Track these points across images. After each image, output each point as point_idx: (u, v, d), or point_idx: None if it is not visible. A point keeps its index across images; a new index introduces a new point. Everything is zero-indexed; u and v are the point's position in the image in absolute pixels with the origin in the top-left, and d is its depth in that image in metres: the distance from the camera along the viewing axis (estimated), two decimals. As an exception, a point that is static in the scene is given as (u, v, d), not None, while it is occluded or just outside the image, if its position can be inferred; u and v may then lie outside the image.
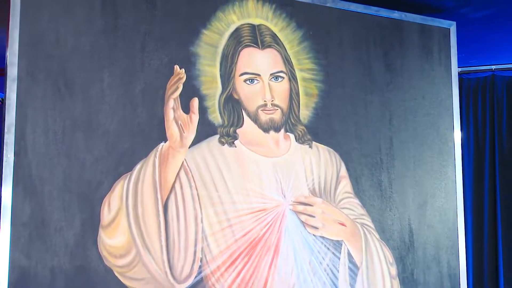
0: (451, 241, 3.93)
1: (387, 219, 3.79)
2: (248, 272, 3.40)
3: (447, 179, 3.95)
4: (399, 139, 3.86)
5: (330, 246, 3.61)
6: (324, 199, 3.64)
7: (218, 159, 3.40)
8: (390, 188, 3.81)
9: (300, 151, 3.61)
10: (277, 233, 3.50)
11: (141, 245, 3.17)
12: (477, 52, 4.46)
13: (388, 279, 3.75)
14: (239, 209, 3.41)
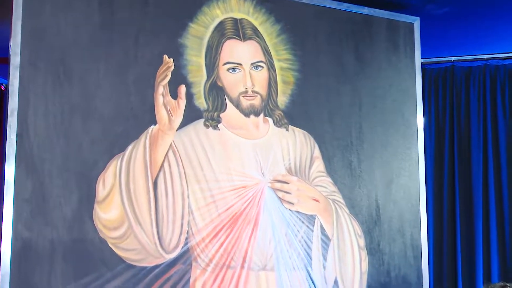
0: (413, 215, 3.97)
1: (356, 196, 3.83)
2: (230, 243, 3.44)
3: (411, 160, 3.98)
4: (368, 123, 3.89)
5: (304, 220, 3.65)
6: (299, 177, 3.67)
7: (203, 141, 3.43)
8: (359, 168, 3.84)
9: (278, 134, 3.64)
10: (256, 208, 3.53)
11: (133, 218, 3.20)
12: (439, 45, 4.47)
13: (356, 249, 3.79)
14: (222, 186, 3.45)
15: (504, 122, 4.37)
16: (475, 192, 4.28)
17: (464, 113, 4.42)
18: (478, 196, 4.28)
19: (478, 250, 4.24)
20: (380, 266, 3.84)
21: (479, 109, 4.41)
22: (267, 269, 3.52)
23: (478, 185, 4.29)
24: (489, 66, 4.46)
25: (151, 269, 3.21)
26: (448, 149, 4.37)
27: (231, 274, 3.43)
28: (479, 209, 4.26)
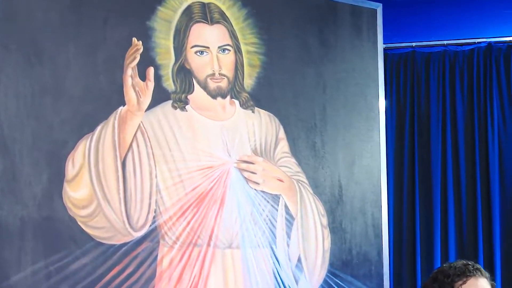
0: (375, 195, 4.00)
1: (320, 176, 3.85)
2: (197, 222, 3.45)
3: (373, 141, 4.01)
4: (332, 106, 3.90)
5: (269, 199, 3.67)
6: (264, 158, 3.69)
7: (171, 122, 3.43)
8: (323, 149, 3.86)
9: (244, 116, 3.66)
10: (222, 188, 3.55)
11: (102, 197, 3.20)
12: (400, 30, 4.51)
13: (319, 228, 3.82)
14: (189, 166, 3.45)
15: (462, 105, 4.43)
16: (434, 173, 4.34)
17: (424, 96, 4.48)
18: (437, 176, 4.34)
19: (436, 228, 4.31)
20: (342, 244, 3.87)
21: (439, 93, 4.46)
22: (233, 247, 3.54)
23: (437, 166, 4.36)
24: (449, 51, 4.51)
25: (119, 247, 3.22)
26: (409, 132, 4.42)
27: (198, 251, 3.44)
28: (438, 189, 4.32)
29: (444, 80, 4.47)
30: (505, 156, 4.37)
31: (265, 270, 3.63)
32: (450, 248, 4.33)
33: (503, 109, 4.40)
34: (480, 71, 4.45)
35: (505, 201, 4.35)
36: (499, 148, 4.37)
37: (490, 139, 4.36)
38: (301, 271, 3.73)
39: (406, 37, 4.56)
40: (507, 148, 4.38)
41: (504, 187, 4.35)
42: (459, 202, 4.35)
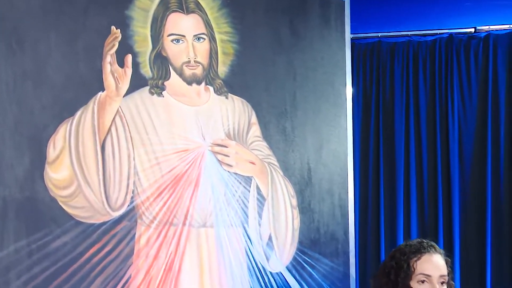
0: (342, 178, 4.04)
1: (290, 159, 3.89)
2: (173, 202, 3.48)
3: (340, 127, 4.05)
4: (301, 93, 3.94)
5: (241, 181, 3.70)
6: (237, 141, 3.72)
7: (148, 107, 3.44)
8: (293, 134, 3.90)
9: (218, 101, 3.67)
10: (197, 170, 3.56)
11: (82, 178, 3.20)
12: (367, 21, 4.53)
13: (289, 208, 3.86)
14: (166, 149, 3.47)
15: (424, 93, 4.47)
16: (398, 157, 4.38)
17: (389, 84, 4.51)
18: (400, 160, 4.38)
19: (399, 209, 4.35)
20: (311, 224, 3.91)
21: (403, 81, 4.50)
22: (207, 226, 3.57)
23: (400, 151, 4.40)
24: (412, 42, 4.54)
25: (98, 226, 3.22)
26: (374, 118, 4.46)
27: (174, 230, 3.47)
28: (401, 172, 4.36)
29: (408, 69, 4.51)
30: (464, 142, 4.43)
31: (237, 248, 3.67)
32: (412, 228, 4.38)
33: (463, 97, 4.46)
34: (442, 61, 4.49)
35: (464, 184, 4.40)
36: (459, 134, 4.42)
37: (450, 125, 4.42)
38: (272, 249, 3.76)
39: (372, 28, 4.58)
40: (467, 134, 4.43)
41: (463, 171, 4.40)
42: (421, 184, 4.40)
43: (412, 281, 2.31)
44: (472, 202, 4.38)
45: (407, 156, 4.41)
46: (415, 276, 2.31)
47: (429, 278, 2.29)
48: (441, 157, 4.40)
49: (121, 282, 3.27)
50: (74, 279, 3.14)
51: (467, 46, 4.45)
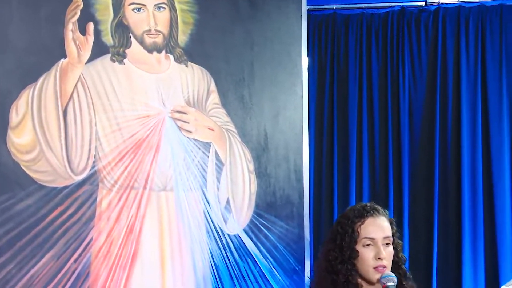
0: (297, 144, 4.04)
1: (247, 126, 3.89)
2: (134, 166, 3.49)
3: (296, 95, 4.05)
4: (259, 62, 3.92)
5: (201, 147, 3.71)
6: (196, 108, 3.72)
7: (110, 74, 3.43)
8: (250, 101, 3.90)
9: (178, 69, 3.67)
10: (158, 135, 3.57)
11: (44, 143, 3.20)
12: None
13: (247, 173, 3.88)
14: (127, 115, 3.47)
15: (377, 63, 4.50)
16: (351, 124, 4.42)
17: (343, 55, 4.52)
18: (353, 127, 4.42)
19: (352, 174, 4.39)
20: (267, 188, 3.93)
21: (356, 52, 4.52)
22: (167, 190, 3.59)
23: (353, 118, 4.43)
24: (366, 14, 4.55)
25: (61, 189, 3.23)
26: (329, 87, 4.47)
27: (135, 194, 3.48)
28: (354, 138, 4.40)
29: (362, 40, 4.53)
30: (414, 110, 4.48)
31: (196, 211, 3.69)
32: (364, 191, 4.43)
33: (413, 67, 4.50)
34: (393, 32, 4.52)
35: (413, 150, 4.46)
36: (409, 102, 4.47)
37: (401, 94, 4.46)
38: (230, 212, 3.79)
39: (327, 0, 4.58)
40: (416, 103, 4.48)
41: (413, 138, 4.46)
42: (372, 150, 4.45)
43: (357, 245, 2.30)
44: (421, 166, 4.44)
45: (360, 123, 4.45)
46: (360, 240, 2.30)
47: (373, 241, 2.30)
48: (392, 125, 4.45)
49: (83, 244, 3.28)
50: (37, 241, 3.16)
51: (418, 19, 4.50)
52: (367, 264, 2.27)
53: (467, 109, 4.40)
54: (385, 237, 2.31)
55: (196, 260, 3.66)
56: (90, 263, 3.31)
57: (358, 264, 2.28)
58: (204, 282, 3.67)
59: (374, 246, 2.29)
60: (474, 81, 4.43)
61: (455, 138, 4.43)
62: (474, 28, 4.46)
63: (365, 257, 2.27)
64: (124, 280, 3.42)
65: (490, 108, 4.41)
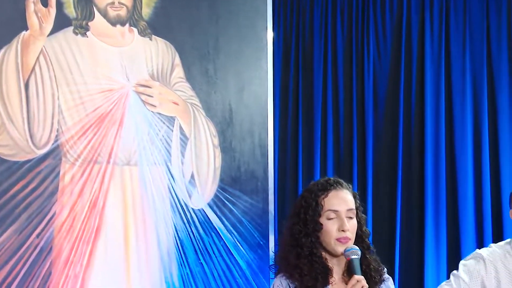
0: (262, 118, 4.06)
1: (212, 100, 3.89)
2: (97, 140, 3.47)
3: (261, 69, 4.05)
4: (224, 36, 3.91)
5: (165, 121, 3.71)
6: (161, 82, 3.71)
7: (72, 47, 3.39)
8: (215, 76, 3.89)
9: (142, 43, 3.64)
10: (122, 109, 3.56)
11: (5, 117, 3.17)
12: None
13: (211, 147, 3.88)
14: (90, 89, 3.45)
15: (342, 37, 4.51)
16: (316, 98, 4.44)
17: (308, 29, 4.52)
18: (318, 101, 4.44)
19: (317, 148, 4.43)
20: (232, 162, 3.94)
21: (321, 26, 4.52)
22: (131, 164, 3.58)
23: (318, 92, 4.46)
24: (331, -12, 4.57)
25: (23, 163, 3.21)
26: (294, 61, 4.48)
27: (98, 168, 3.48)
28: (318, 112, 4.43)
29: (327, 14, 4.54)
30: (379, 85, 4.52)
31: (160, 186, 3.69)
32: (328, 166, 4.47)
33: (378, 43, 4.53)
34: (359, 7, 4.54)
35: (378, 125, 4.51)
36: (373, 77, 4.51)
37: (366, 68, 4.50)
38: (194, 186, 3.80)
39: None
40: (381, 77, 4.52)
41: (377, 113, 4.50)
42: (337, 125, 4.49)
43: (321, 217, 2.32)
44: (385, 139, 4.49)
45: (325, 98, 4.48)
46: (323, 213, 2.32)
47: (337, 214, 2.32)
48: (356, 98, 4.48)
49: (45, 218, 3.27)
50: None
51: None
52: (331, 236, 2.30)
53: (431, 84, 4.45)
54: (349, 210, 2.34)
55: (160, 235, 3.67)
56: (53, 237, 3.30)
57: (322, 237, 2.31)
58: (168, 257, 3.68)
59: (337, 219, 2.32)
60: (438, 56, 4.48)
61: (418, 113, 4.48)
62: (438, 2, 4.50)
63: (329, 229, 2.30)
64: (87, 255, 3.41)
65: (454, 82, 4.47)
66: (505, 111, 4.41)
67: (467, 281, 2.81)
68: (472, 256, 2.92)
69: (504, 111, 4.41)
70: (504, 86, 4.42)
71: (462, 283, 2.81)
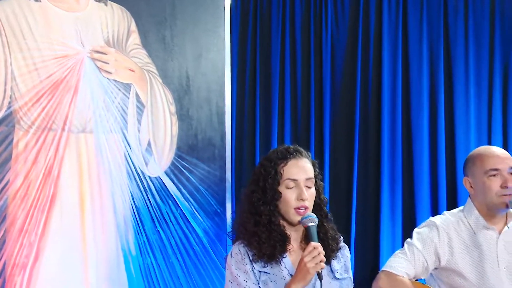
0: (219, 86, 4.06)
1: (169, 68, 3.88)
2: (52, 107, 3.44)
3: (219, 37, 4.05)
4: (181, 2, 3.89)
5: (121, 88, 3.69)
6: (117, 49, 3.67)
7: (26, 12, 3.33)
8: (172, 42, 3.88)
9: (97, 8, 3.60)
10: (76, 76, 3.52)
11: (-44, 83, 3.11)
12: None
13: (168, 115, 3.88)
14: (44, 55, 3.40)
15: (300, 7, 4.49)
16: (273, 66, 4.43)
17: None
18: (276, 69, 4.43)
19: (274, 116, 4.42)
20: (189, 130, 3.95)
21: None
22: (86, 132, 3.56)
23: (276, 60, 4.44)
24: (289, -45, 4.54)
25: (-25, 132, 3.18)
26: (252, 28, 4.45)
27: (53, 135, 3.45)
28: (276, 80, 4.42)
29: (284, -18, 4.52)
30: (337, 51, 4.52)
31: (117, 154, 3.69)
32: (285, 134, 4.48)
33: (336, 8, 4.52)
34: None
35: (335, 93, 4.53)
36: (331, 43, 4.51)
37: (324, 35, 4.49)
38: (151, 154, 3.80)
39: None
40: (339, 47, 4.53)
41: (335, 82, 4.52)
42: (294, 93, 4.49)
43: (280, 186, 2.33)
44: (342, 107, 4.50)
45: (282, 67, 4.47)
46: (282, 181, 2.33)
47: (296, 182, 2.33)
48: (314, 66, 4.48)
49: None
50: (-49, 183, 3.11)
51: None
52: (289, 205, 2.32)
53: (388, 51, 4.48)
54: (308, 179, 2.35)
55: (116, 203, 3.67)
56: (7, 205, 3.27)
57: (280, 205, 2.33)
58: (124, 224, 3.69)
59: (296, 188, 2.33)
60: (395, 23, 4.50)
61: (376, 80, 4.51)
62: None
63: (287, 198, 2.32)
64: (42, 223, 3.40)
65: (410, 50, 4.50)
66: (461, 78, 4.46)
67: (421, 248, 2.88)
68: (426, 224, 2.98)
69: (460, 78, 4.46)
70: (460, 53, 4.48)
71: (416, 251, 2.88)
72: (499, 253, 2.86)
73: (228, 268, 2.33)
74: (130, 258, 3.66)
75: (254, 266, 2.30)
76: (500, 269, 2.84)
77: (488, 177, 2.84)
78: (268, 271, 2.31)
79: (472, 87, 4.49)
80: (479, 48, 4.52)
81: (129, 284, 3.65)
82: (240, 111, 4.38)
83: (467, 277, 2.84)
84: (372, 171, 4.49)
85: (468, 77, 4.49)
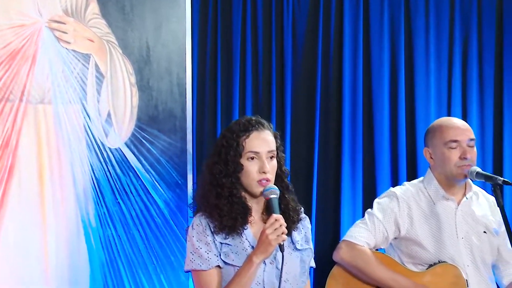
0: (180, 57, 4.05)
1: (129, 38, 3.85)
2: (9, 78, 3.40)
3: (179, 7, 4.02)
4: (141, -29, 3.87)
5: (80, 58, 3.65)
6: (75, 18, 3.63)
7: (-20, -21, 3.28)
8: (132, 12, 3.84)
9: (55, -24, 3.55)
10: (34, 46, 3.48)
11: None
12: None
13: (128, 86, 3.86)
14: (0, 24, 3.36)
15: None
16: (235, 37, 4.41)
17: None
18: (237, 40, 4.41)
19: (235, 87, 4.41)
20: (149, 101, 3.93)
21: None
22: (45, 102, 3.53)
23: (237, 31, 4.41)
24: None
25: None
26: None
27: (10, 106, 3.42)
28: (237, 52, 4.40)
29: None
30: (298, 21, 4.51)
31: (76, 125, 3.67)
32: (247, 105, 4.48)
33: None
34: None
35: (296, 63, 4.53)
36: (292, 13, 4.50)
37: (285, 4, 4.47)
38: (111, 125, 3.79)
39: None
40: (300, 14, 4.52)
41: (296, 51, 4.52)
42: (256, 63, 4.48)
43: (242, 158, 2.33)
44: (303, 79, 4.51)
45: (244, 37, 4.45)
46: (244, 154, 2.32)
47: (257, 155, 2.33)
48: (275, 36, 4.48)
49: (-45, 158, 3.21)
50: None
51: None
52: (251, 178, 2.33)
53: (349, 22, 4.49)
54: (270, 151, 2.36)
55: (76, 174, 3.66)
56: (-36, 178, 3.24)
57: (242, 177, 2.34)
58: (84, 196, 3.68)
59: (258, 160, 2.34)
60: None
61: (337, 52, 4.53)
62: None
63: (249, 170, 2.33)
64: (0, 194, 3.38)
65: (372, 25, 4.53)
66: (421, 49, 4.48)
67: (381, 218, 2.93)
68: (386, 194, 3.03)
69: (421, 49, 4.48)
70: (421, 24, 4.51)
71: (376, 221, 2.93)
72: (457, 223, 2.93)
73: (189, 239, 2.35)
74: (90, 230, 3.66)
75: (216, 238, 2.32)
76: (458, 239, 2.91)
77: (448, 148, 2.89)
78: (230, 243, 2.32)
79: (432, 58, 4.53)
80: (439, 20, 4.56)
81: (89, 255, 3.65)
82: (201, 82, 4.36)
83: (426, 247, 2.91)
84: (332, 142, 4.52)
85: (429, 48, 4.53)
